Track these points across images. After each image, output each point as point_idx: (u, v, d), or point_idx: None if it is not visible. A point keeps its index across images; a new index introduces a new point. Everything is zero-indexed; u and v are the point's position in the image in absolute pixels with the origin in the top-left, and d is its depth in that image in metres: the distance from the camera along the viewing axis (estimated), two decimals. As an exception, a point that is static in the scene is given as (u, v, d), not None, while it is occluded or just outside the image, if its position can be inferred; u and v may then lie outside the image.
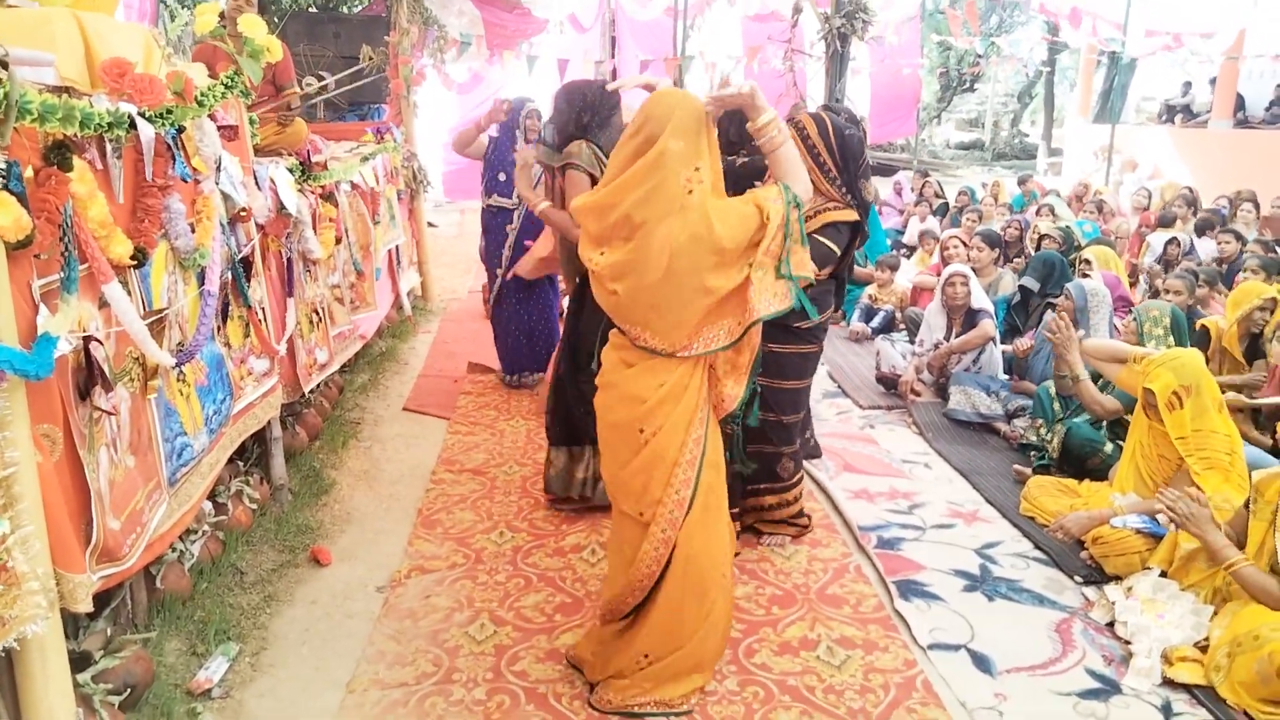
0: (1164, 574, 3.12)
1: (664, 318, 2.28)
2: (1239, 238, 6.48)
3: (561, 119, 3.66)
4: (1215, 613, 2.88)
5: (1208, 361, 4.39)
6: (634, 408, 2.36)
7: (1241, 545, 2.88)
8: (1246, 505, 2.92)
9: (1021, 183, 10.79)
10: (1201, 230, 7.45)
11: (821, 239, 3.17)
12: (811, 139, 3.21)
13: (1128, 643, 2.89)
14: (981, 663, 2.84)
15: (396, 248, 6.48)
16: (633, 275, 2.23)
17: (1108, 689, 2.71)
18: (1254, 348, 4.42)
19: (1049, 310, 5.06)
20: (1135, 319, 4.13)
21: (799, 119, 3.31)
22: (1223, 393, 3.51)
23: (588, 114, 3.63)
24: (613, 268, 2.25)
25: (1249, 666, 2.56)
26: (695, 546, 2.46)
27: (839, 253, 3.27)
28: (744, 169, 3.31)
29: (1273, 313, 4.39)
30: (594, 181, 3.68)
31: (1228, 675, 2.62)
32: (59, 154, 1.97)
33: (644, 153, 2.21)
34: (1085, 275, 5.25)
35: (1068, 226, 6.77)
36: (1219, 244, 6.56)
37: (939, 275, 6.56)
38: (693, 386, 2.37)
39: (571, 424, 3.78)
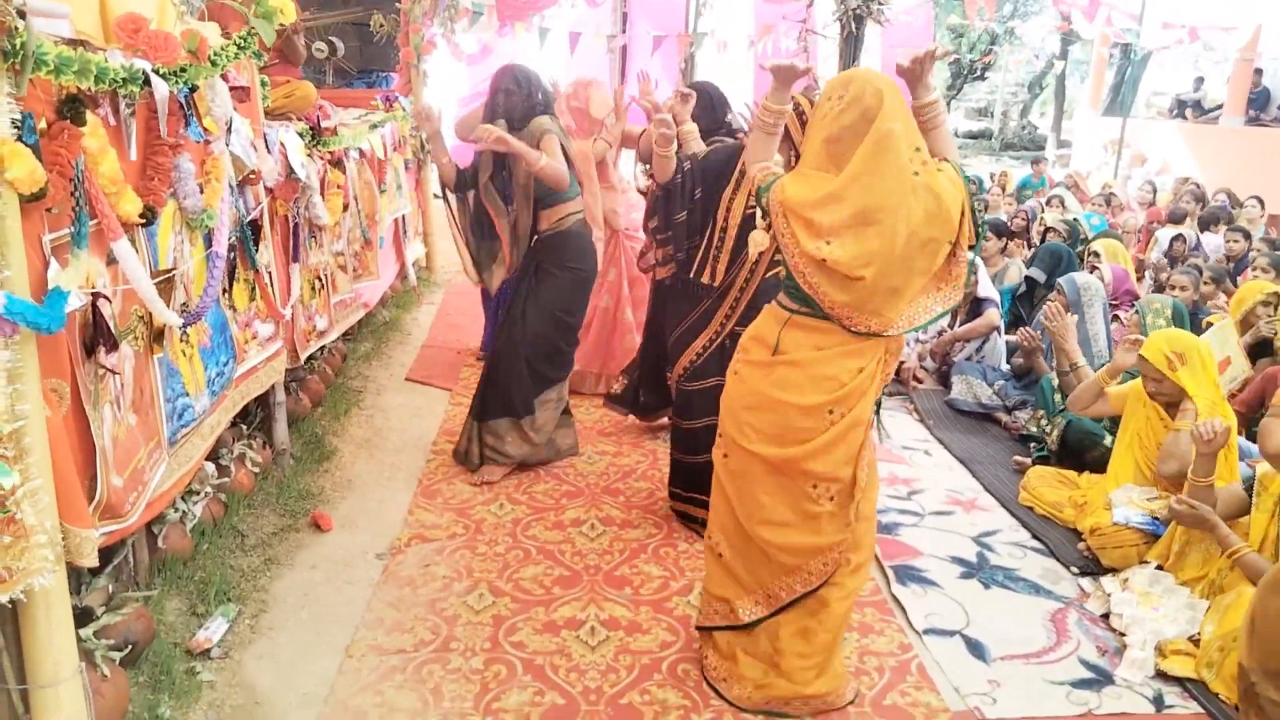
0: (1160, 567, 3.14)
1: (897, 298, 2.27)
2: (1246, 235, 6.46)
3: (513, 100, 3.75)
4: (1210, 607, 2.89)
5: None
6: (830, 390, 2.33)
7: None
8: (1249, 492, 2.91)
9: (1035, 163, 11.05)
10: (1206, 225, 7.42)
11: None
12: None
13: (1122, 634, 2.91)
14: (976, 649, 2.86)
15: (403, 217, 6.45)
16: (879, 261, 2.21)
17: (1101, 679, 2.73)
18: (1261, 347, 4.39)
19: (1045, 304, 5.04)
20: (1138, 312, 4.13)
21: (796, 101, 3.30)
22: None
23: (538, 93, 3.78)
24: (857, 258, 2.21)
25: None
26: (864, 519, 2.48)
27: None
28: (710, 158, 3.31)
29: (1275, 308, 4.38)
30: (563, 149, 3.73)
31: (1219, 671, 2.64)
32: (72, 108, 1.96)
33: (857, 135, 2.19)
34: (1094, 268, 5.24)
35: (1075, 219, 6.75)
36: (1226, 242, 6.54)
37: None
38: (879, 374, 2.38)
39: (509, 396, 3.87)
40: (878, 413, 2.52)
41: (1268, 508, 2.80)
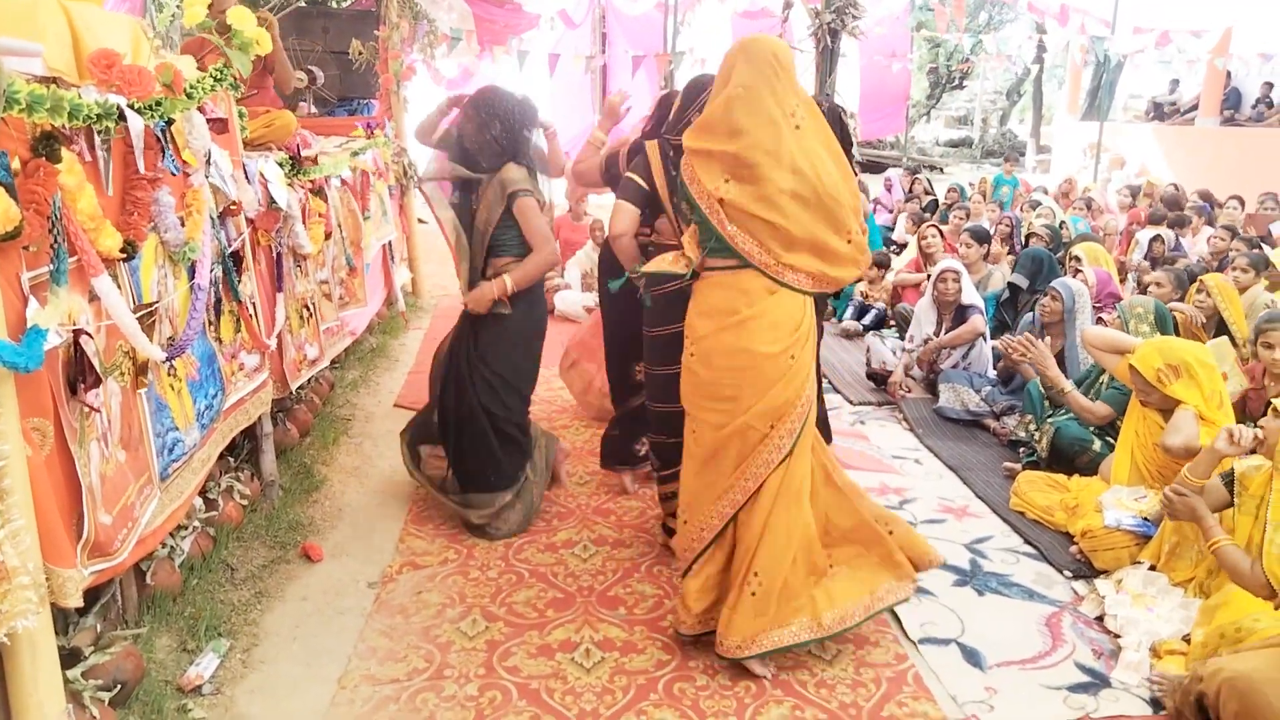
0: (1153, 568, 3.14)
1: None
2: (1234, 234, 6.51)
3: (485, 137, 3.37)
4: (1199, 609, 2.88)
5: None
6: (789, 334, 2.60)
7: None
8: (1230, 489, 2.89)
9: (1006, 160, 11.21)
10: (1175, 226, 7.47)
11: None
12: None
13: (1117, 636, 2.91)
14: (972, 656, 2.86)
15: (389, 243, 6.46)
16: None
17: (1097, 682, 2.73)
18: (1220, 328, 4.50)
19: (1037, 307, 5.07)
20: (1120, 315, 4.15)
21: None
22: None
23: (520, 129, 3.38)
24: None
25: None
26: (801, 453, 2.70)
27: None
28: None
29: (1208, 295, 4.54)
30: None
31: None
32: (47, 145, 1.95)
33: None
34: (1077, 272, 5.27)
35: (1061, 222, 6.79)
36: (1210, 239, 6.60)
37: (917, 271, 6.60)
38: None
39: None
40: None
41: (1250, 509, 2.78)
